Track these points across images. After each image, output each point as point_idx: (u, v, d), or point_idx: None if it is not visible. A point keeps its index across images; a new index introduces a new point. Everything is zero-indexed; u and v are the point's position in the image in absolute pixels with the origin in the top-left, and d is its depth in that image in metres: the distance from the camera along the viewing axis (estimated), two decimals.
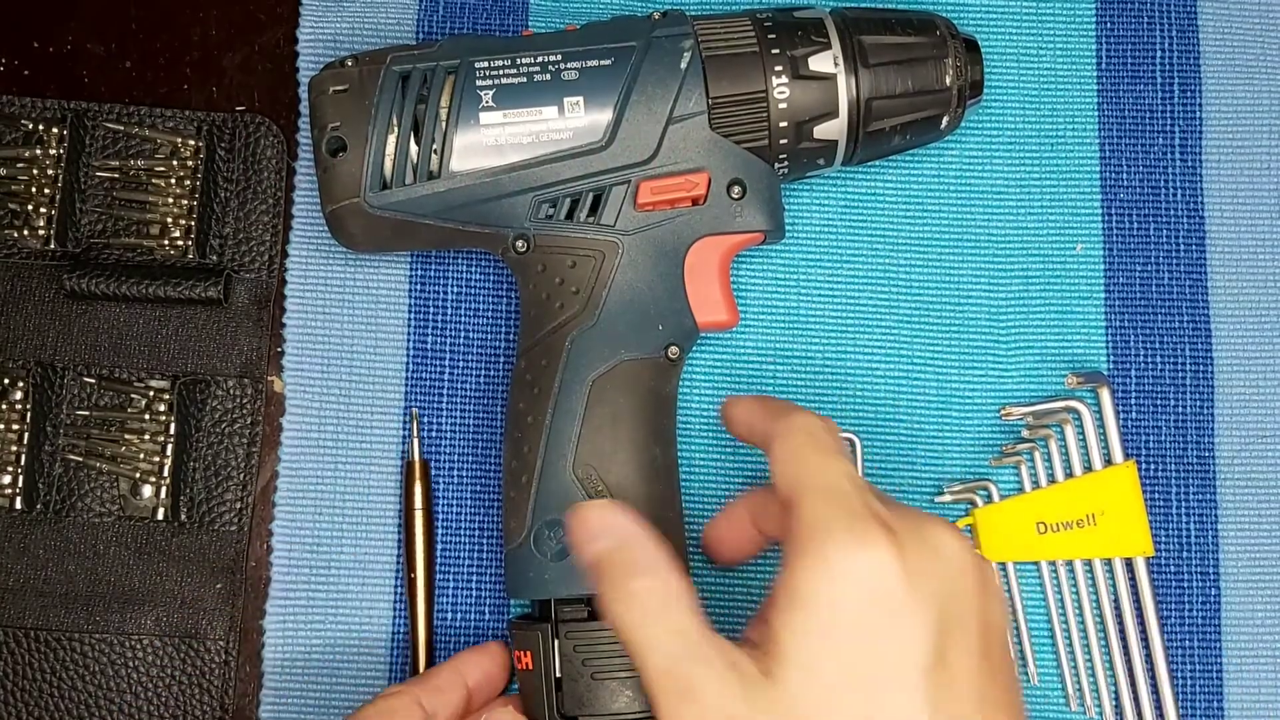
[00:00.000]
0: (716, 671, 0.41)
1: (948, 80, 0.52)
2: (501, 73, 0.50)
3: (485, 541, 0.56)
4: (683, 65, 0.50)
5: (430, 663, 0.55)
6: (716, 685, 0.41)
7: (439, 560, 0.56)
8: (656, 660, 0.42)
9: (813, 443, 0.44)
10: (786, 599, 0.41)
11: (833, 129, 0.51)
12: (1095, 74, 0.59)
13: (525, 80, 0.50)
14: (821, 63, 0.51)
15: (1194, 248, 0.58)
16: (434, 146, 0.50)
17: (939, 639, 0.41)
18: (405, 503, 0.55)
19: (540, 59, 0.50)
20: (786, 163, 0.52)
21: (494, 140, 0.49)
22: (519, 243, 0.51)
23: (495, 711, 0.50)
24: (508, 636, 0.54)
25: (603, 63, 0.50)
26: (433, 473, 0.56)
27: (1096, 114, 0.58)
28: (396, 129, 0.50)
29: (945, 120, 0.53)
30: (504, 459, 0.51)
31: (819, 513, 0.42)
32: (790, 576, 0.41)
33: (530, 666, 0.48)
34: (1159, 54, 0.59)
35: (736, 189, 0.51)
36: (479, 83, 0.50)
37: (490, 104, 0.50)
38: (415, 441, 0.56)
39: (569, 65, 0.50)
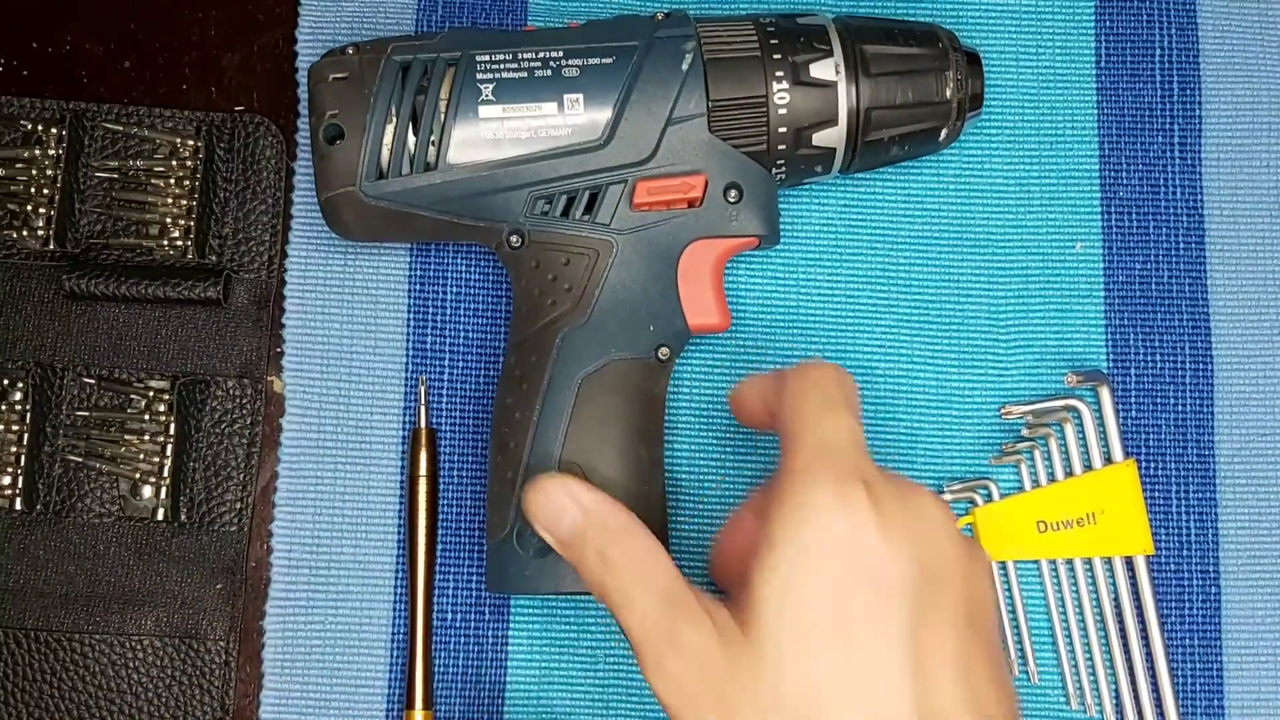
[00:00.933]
0: (695, 621, 0.42)
1: (948, 93, 0.52)
2: (502, 67, 0.50)
3: (484, 542, 0.56)
4: (684, 66, 0.50)
5: (429, 651, 0.54)
6: (695, 634, 0.41)
7: (439, 547, 0.56)
8: (642, 615, 0.43)
9: (819, 393, 0.44)
10: (765, 545, 0.41)
11: (831, 136, 0.51)
12: (1095, 73, 0.59)
13: (526, 75, 0.50)
14: (823, 70, 0.51)
15: (1194, 247, 0.58)
16: (432, 138, 0.49)
17: (919, 600, 0.40)
18: (410, 470, 0.55)
19: (542, 54, 0.50)
20: (784, 169, 0.52)
21: (492, 134, 0.49)
22: (513, 238, 0.50)
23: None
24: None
25: (604, 61, 0.50)
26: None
27: (1096, 113, 0.58)
28: (395, 119, 0.49)
29: (944, 133, 0.53)
30: (490, 454, 0.51)
31: (806, 464, 0.42)
32: (768, 525, 0.42)
33: None
34: (1159, 54, 0.59)
35: (733, 193, 0.50)
36: (479, 76, 0.50)
37: (490, 98, 0.49)
38: (423, 409, 0.56)
39: (570, 62, 0.50)
